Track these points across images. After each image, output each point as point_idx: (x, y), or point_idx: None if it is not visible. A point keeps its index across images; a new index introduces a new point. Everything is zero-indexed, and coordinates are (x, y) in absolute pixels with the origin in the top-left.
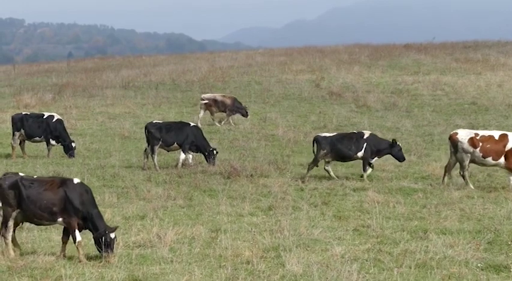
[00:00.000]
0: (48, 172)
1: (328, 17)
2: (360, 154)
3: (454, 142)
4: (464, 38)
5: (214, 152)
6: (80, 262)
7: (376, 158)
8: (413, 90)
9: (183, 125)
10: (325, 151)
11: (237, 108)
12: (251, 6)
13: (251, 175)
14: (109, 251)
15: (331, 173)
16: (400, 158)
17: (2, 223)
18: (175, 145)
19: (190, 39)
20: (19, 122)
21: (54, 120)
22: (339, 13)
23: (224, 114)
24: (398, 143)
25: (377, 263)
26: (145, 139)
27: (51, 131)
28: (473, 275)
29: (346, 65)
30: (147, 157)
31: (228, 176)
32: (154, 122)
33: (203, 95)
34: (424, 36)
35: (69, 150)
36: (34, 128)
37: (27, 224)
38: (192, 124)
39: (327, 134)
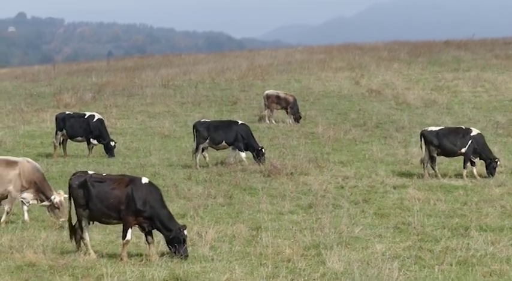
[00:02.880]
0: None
1: (367, 14)
2: (463, 150)
3: None
4: (505, 34)
5: (263, 150)
6: (121, 260)
7: (478, 158)
8: (454, 87)
9: (231, 123)
10: (433, 146)
11: (296, 108)
12: (290, 4)
13: (291, 173)
14: (182, 249)
15: (438, 172)
16: (489, 173)
17: (76, 224)
18: (224, 143)
19: (229, 38)
20: (62, 122)
21: (94, 120)
22: (379, 10)
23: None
24: (498, 162)
25: (418, 260)
26: (193, 137)
27: (92, 131)
28: None
29: (385, 62)
30: (197, 155)
31: (268, 174)
32: (202, 120)
33: (266, 92)
34: (464, 32)
35: (108, 149)
36: (76, 127)
37: (67, 223)
38: (240, 122)
39: (433, 128)
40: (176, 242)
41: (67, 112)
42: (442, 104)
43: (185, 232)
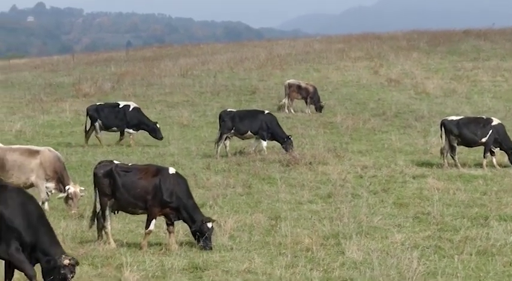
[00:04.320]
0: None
1: (386, 3)
2: (484, 140)
3: None
4: None
5: (291, 139)
6: (140, 248)
7: (498, 148)
8: (473, 77)
9: (257, 113)
10: (453, 135)
11: (317, 98)
12: None
13: (310, 163)
14: (207, 241)
15: (457, 162)
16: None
17: (99, 213)
18: (250, 133)
19: (247, 27)
20: (95, 113)
21: (130, 109)
22: None
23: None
24: None
25: (437, 250)
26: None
27: (128, 121)
28: None
29: (404, 51)
30: (219, 145)
31: (286, 164)
32: (228, 110)
33: (288, 81)
34: (484, 21)
35: (155, 132)
36: (111, 118)
37: (87, 213)
38: (266, 112)
39: (454, 118)
40: (199, 233)
41: (97, 103)
42: (462, 93)
43: (209, 224)
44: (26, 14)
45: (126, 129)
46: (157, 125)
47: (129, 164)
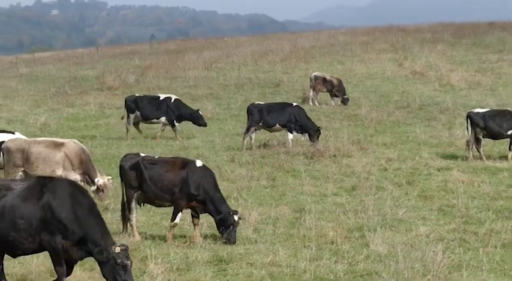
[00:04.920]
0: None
1: None
2: (510, 132)
3: None
4: None
5: (320, 130)
6: (165, 241)
7: None
8: (498, 69)
9: (285, 105)
10: (479, 128)
11: (342, 90)
12: None
13: (334, 155)
14: (231, 233)
15: (483, 155)
16: None
17: (125, 205)
18: (278, 126)
19: (272, 20)
20: (133, 104)
21: (172, 101)
22: None
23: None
24: None
25: (462, 243)
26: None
27: (174, 111)
28: None
29: (429, 44)
30: (246, 137)
31: (311, 157)
32: (256, 103)
33: (314, 73)
34: (508, 14)
35: (200, 119)
36: (151, 110)
37: (112, 205)
38: (294, 104)
39: (480, 110)
40: (224, 226)
41: (137, 95)
42: (486, 85)
43: (235, 217)
44: (50, 7)
45: (174, 121)
46: (200, 113)
47: (156, 157)
